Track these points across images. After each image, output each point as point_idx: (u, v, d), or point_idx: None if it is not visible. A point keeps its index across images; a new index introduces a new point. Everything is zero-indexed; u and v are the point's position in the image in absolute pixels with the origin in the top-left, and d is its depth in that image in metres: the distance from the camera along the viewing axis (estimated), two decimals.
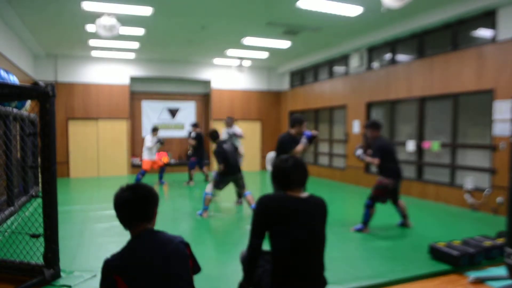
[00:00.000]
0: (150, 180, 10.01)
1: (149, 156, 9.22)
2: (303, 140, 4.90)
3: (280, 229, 2.22)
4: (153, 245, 1.81)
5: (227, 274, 3.73)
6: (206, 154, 12.83)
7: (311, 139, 5.02)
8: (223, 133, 8.45)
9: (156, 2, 6.60)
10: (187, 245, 1.93)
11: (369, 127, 5.35)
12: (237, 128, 8.76)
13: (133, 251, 1.79)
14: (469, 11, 6.56)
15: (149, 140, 9.18)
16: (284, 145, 4.91)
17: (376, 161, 5.16)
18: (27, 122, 6.81)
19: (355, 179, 9.67)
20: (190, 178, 9.77)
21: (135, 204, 1.84)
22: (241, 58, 11.33)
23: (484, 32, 6.70)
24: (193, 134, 9.81)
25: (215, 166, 13.19)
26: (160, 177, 9.87)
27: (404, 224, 5.53)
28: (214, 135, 6.39)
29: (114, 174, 11.72)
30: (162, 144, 9.35)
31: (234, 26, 8.12)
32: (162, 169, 9.81)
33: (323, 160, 11.48)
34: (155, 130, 9.36)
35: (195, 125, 9.96)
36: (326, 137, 11.22)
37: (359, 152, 5.35)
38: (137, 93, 12.50)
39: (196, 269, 2.01)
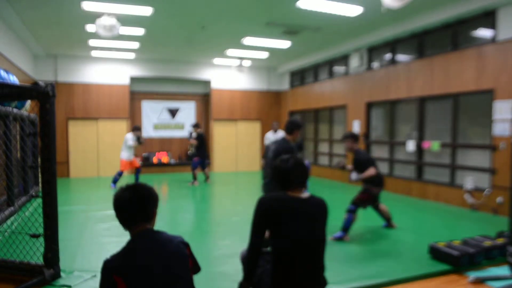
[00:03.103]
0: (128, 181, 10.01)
1: (127, 156, 8.90)
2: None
3: (280, 229, 2.22)
4: (153, 245, 1.80)
5: (227, 274, 3.73)
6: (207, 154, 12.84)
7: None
8: (268, 139, 8.63)
9: (156, 2, 6.60)
10: (186, 245, 1.93)
11: (350, 138, 5.04)
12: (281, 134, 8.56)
13: (133, 251, 1.78)
14: (469, 11, 6.56)
15: (130, 139, 8.89)
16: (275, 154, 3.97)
17: (373, 171, 4.85)
18: (27, 122, 6.82)
19: None
20: (195, 178, 9.75)
21: (134, 204, 1.82)
22: (241, 58, 11.33)
23: (484, 32, 6.70)
24: (194, 135, 9.82)
25: (219, 166, 13.14)
26: (136, 179, 8.94)
27: (388, 226, 5.45)
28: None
29: (114, 174, 11.70)
30: (141, 143, 9.10)
31: (234, 26, 8.12)
32: (138, 171, 9.18)
33: (323, 160, 11.48)
34: (136, 129, 9.09)
35: (196, 126, 9.94)
36: (326, 137, 11.22)
37: (355, 175, 5.01)
38: (137, 93, 12.49)
39: (196, 269, 2.01)
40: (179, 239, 1.91)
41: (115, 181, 9.00)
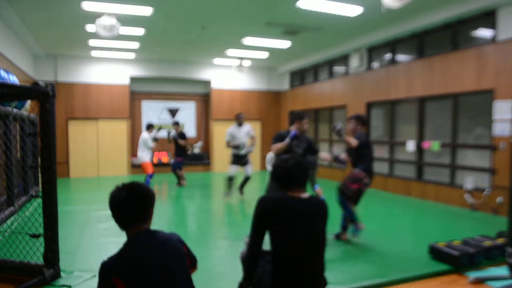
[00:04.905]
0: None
1: (150, 157, 8.54)
2: (286, 139, 4.44)
3: (280, 229, 2.22)
4: (151, 246, 1.79)
5: (227, 274, 3.73)
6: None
7: (314, 146, 4.75)
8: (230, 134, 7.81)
9: (156, 2, 6.60)
10: (183, 243, 1.92)
11: (354, 119, 4.84)
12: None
13: (131, 252, 1.77)
14: (469, 11, 6.56)
15: (149, 139, 8.47)
16: (273, 140, 4.56)
17: (354, 142, 4.59)
18: (27, 122, 6.81)
19: None
20: (182, 178, 9.42)
21: (131, 204, 1.80)
22: (241, 58, 11.32)
23: (484, 32, 6.70)
24: (172, 133, 9.29)
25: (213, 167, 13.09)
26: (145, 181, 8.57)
27: (340, 236, 4.85)
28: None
29: (114, 174, 11.72)
30: (157, 141, 8.76)
31: (234, 26, 8.12)
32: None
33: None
34: (151, 127, 8.68)
35: (176, 124, 9.50)
36: (326, 137, 11.22)
37: (340, 125, 4.77)
38: (137, 93, 12.49)
39: (193, 263, 2.00)
40: (176, 237, 1.90)
41: (148, 184, 8.22)
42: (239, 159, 7.72)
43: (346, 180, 4.69)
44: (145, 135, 8.56)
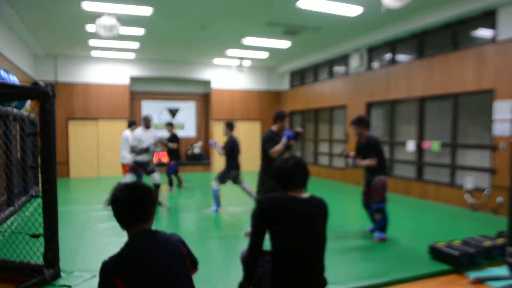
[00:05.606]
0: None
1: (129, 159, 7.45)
2: (283, 140, 4.55)
3: (280, 229, 2.22)
4: (152, 246, 1.79)
5: (227, 274, 3.73)
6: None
7: (295, 138, 4.74)
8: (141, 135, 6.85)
9: (156, 2, 6.60)
10: (183, 244, 1.92)
11: (356, 124, 4.84)
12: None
13: (131, 252, 1.77)
14: (469, 11, 6.56)
15: (131, 138, 7.35)
16: (264, 143, 4.69)
17: (374, 162, 4.68)
18: (27, 122, 6.81)
19: (355, 179, 9.66)
20: (172, 183, 8.90)
21: (133, 204, 1.79)
22: (241, 58, 11.33)
23: (484, 32, 6.70)
24: (166, 135, 8.77)
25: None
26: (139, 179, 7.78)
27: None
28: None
29: (114, 174, 11.70)
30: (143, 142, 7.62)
31: (234, 26, 8.12)
32: (140, 175, 7.44)
33: (323, 160, 11.48)
34: (133, 124, 7.90)
35: (170, 125, 8.75)
36: (326, 137, 11.22)
37: (351, 161, 4.84)
38: (137, 93, 12.50)
39: (194, 264, 1.99)
40: (177, 237, 1.90)
41: None
42: (142, 166, 6.86)
43: (377, 193, 4.75)
44: (127, 133, 7.70)
